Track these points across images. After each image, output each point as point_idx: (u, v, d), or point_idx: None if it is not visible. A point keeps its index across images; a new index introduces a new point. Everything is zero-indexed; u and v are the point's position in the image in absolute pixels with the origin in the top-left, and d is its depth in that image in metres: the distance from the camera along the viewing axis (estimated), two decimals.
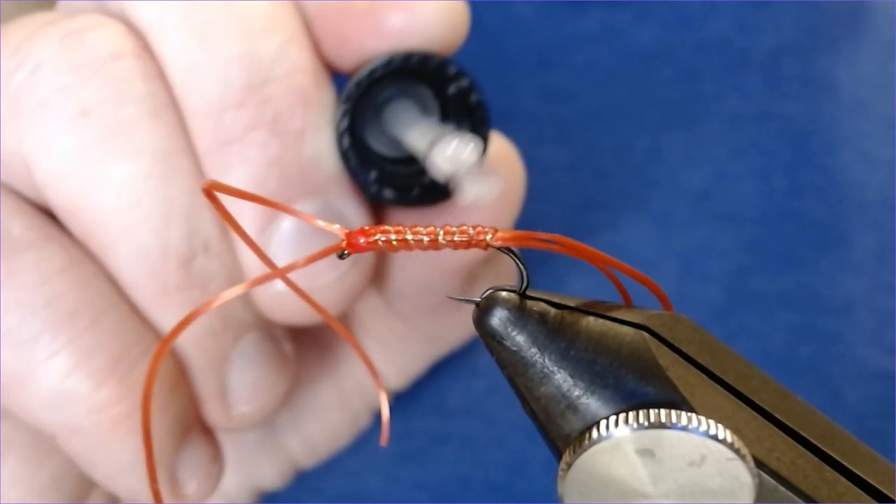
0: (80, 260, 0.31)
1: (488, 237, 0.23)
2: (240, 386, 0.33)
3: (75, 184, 0.30)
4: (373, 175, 0.30)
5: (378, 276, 0.36)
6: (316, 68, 0.31)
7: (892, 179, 0.46)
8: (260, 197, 0.24)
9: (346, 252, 0.23)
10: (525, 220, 0.45)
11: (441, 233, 0.23)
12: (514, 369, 0.22)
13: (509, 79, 0.49)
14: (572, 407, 0.22)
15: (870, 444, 0.23)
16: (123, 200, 0.29)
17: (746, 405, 0.22)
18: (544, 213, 0.46)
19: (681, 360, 0.22)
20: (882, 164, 0.46)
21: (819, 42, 0.49)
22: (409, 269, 0.35)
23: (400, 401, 0.43)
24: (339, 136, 0.30)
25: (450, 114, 0.30)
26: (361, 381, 0.41)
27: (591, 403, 0.22)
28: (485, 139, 0.30)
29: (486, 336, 0.22)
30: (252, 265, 0.31)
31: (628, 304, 0.24)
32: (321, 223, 0.24)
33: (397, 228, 0.23)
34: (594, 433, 0.22)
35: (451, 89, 0.30)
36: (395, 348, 0.40)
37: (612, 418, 0.22)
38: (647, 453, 0.21)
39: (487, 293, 0.23)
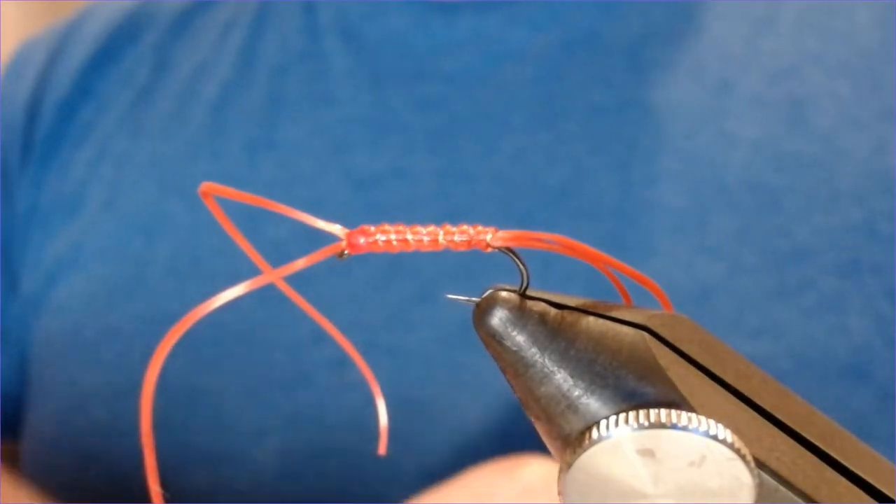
0: None
1: (488, 237, 0.23)
2: None
3: None
4: None
5: None
6: None
7: (755, 158, 0.45)
8: (256, 198, 0.24)
9: (345, 252, 0.23)
10: None
11: (441, 233, 0.23)
12: (514, 369, 0.22)
13: (384, 92, 0.49)
14: (572, 407, 0.22)
15: None
16: None
17: (746, 405, 0.22)
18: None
19: (681, 360, 0.22)
20: (744, 142, 0.45)
21: (687, 24, 0.48)
22: None
23: None
24: None
25: None
26: None
27: (591, 403, 0.22)
28: None
29: (486, 336, 0.22)
30: None
31: (628, 304, 0.24)
32: (321, 223, 0.24)
33: (398, 228, 0.23)
34: (594, 433, 0.21)
35: None
36: None
37: (612, 418, 0.21)
38: (647, 453, 0.21)
39: (488, 293, 0.23)
